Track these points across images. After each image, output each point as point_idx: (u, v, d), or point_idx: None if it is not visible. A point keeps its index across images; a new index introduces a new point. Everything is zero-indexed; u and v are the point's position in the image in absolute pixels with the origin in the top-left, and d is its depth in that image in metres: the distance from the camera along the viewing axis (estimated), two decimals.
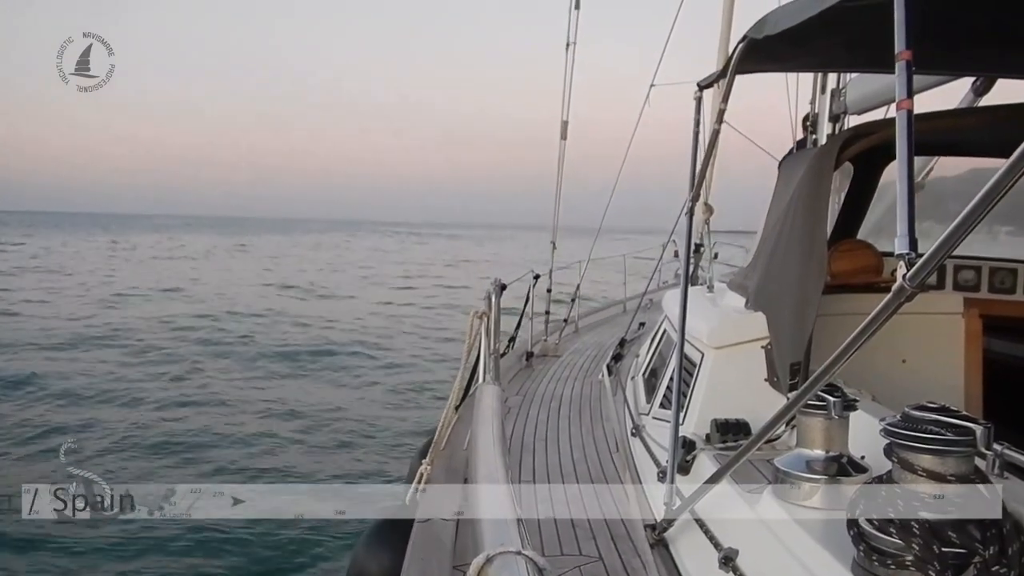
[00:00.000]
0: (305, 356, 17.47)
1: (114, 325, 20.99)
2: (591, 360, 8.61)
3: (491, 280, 4.81)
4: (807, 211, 3.13)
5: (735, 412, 3.15)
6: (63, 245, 65.20)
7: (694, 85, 3.40)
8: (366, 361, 17.48)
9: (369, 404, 13.57)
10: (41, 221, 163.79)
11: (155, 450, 10.27)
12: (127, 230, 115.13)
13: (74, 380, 14.08)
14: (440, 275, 43.39)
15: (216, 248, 69.83)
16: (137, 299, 27.01)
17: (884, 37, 1.58)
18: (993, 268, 4.28)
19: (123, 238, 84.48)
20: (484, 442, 2.39)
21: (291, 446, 10.71)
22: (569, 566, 3.18)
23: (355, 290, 33.63)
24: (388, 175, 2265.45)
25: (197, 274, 39.14)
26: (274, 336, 20.17)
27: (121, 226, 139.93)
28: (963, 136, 3.93)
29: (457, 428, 4.74)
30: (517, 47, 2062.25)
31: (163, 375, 15.02)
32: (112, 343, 18.36)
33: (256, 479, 8.97)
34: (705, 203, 5.61)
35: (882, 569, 1.59)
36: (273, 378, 15.36)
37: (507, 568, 1.35)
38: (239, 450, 10.38)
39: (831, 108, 5.81)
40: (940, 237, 1.30)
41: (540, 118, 10.49)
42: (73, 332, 19.43)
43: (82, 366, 15.54)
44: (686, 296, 3.15)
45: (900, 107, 1.52)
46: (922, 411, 1.60)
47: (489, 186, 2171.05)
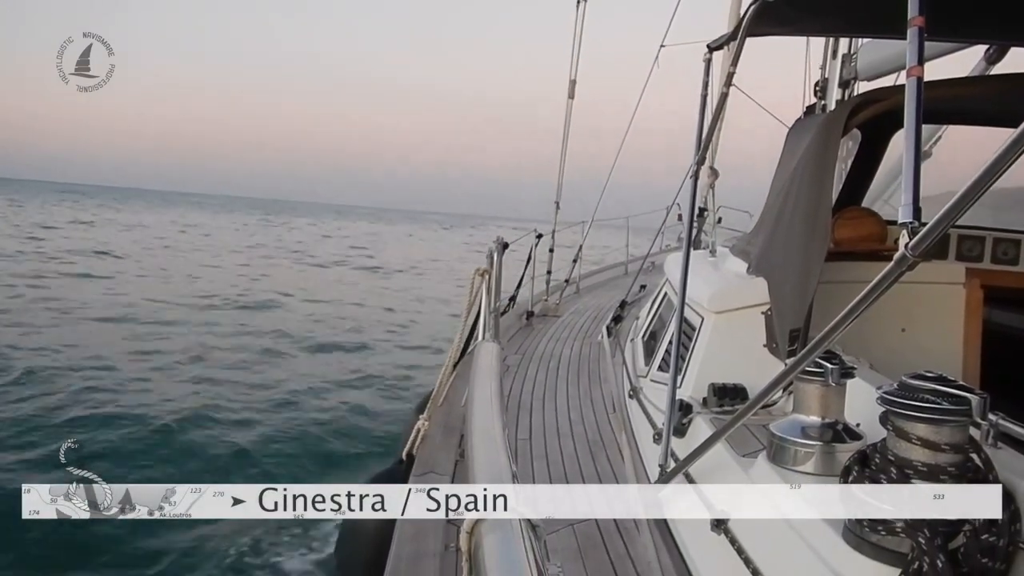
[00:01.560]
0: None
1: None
2: (591, 321, 8.64)
3: (494, 239, 4.81)
4: (813, 177, 3.11)
5: (733, 377, 3.16)
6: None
7: (704, 47, 3.36)
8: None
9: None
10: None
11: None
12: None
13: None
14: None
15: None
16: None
17: (896, 2, 1.56)
18: (997, 239, 4.26)
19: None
20: (481, 399, 2.41)
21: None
22: (562, 524, 3.22)
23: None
24: (392, 160, 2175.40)
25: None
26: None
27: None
28: (973, 105, 3.89)
29: (455, 384, 4.77)
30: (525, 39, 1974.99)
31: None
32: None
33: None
34: (711, 167, 5.57)
35: (872, 535, 1.60)
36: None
37: (501, 524, 1.36)
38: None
39: (841, 74, 5.75)
40: (944, 207, 1.29)
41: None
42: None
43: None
44: (688, 260, 3.14)
45: (910, 74, 1.50)
46: (919, 380, 1.60)
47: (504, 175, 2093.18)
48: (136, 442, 8.88)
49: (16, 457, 8.12)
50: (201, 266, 28.76)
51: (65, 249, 29.92)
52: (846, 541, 1.68)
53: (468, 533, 1.38)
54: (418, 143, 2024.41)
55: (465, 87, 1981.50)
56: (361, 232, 74.19)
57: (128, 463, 8.28)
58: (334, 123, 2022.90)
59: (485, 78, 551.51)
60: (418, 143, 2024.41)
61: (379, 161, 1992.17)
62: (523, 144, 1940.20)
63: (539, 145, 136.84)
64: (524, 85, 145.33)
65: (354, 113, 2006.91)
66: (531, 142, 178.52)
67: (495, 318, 3.90)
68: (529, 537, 1.33)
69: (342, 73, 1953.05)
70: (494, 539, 1.33)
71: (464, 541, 1.38)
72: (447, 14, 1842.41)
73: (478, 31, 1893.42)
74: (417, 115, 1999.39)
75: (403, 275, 32.64)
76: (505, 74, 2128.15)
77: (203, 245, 40.69)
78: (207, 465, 8.47)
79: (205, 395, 11.00)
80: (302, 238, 55.06)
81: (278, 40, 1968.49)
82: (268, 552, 6.72)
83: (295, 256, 37.81)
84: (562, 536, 3.13)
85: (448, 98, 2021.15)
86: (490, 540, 1.33)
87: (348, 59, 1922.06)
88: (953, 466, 1.55)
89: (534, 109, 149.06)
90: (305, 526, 6.85)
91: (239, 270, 28.60)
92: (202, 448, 8.98)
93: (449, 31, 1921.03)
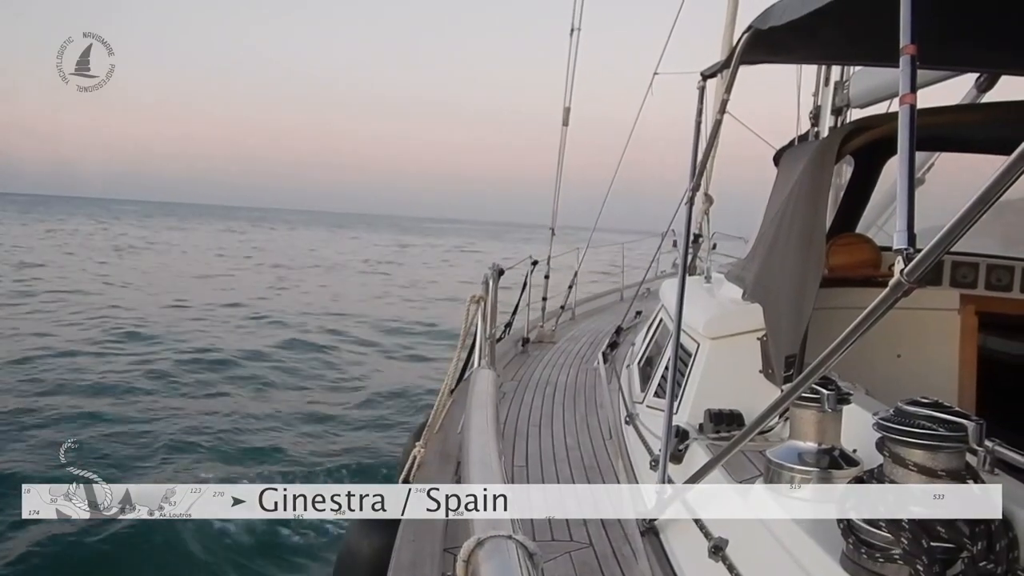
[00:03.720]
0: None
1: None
2: (587, 347, 8.62)
3: (490, 266, 4.81)
4: (807, 203, 3.13)
5: (729, 403, 3.16)
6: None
7: (698, 75, 3.39)
8: None
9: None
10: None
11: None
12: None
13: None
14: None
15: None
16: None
17: (889, 31, 1.57)
18: (991, 265, 4.28)
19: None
20: (478, 426, 2.40)
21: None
22: (559, 551, 3.20)
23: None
24: (393, 169, 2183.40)
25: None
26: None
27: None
28: (965, 132, 3.92)
29: (451, 412, 4.76)
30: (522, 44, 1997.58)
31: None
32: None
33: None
34: (705, 193, 5.61)
35: (870, 562, 1.59)
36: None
37: (498, 551, 1.35)
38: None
39: (834, 101, 5.80)
40: (939, 233, 1.29)
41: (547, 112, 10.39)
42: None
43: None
44: (683, 286, 3.15)
45: (903, 101, 1.51)
46: (915, 406, 1.61)
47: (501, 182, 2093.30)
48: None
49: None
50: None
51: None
52: (844, 568, 1.67)
53: (465, 561, 1.37)
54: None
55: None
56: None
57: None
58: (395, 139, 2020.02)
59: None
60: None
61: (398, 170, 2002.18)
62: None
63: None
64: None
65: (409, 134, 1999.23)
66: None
67: (491, 345, 3.89)
68: (526, 565, 1.33)
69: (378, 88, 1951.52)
70: (491, 567, 1.32)
71: (461, 569, 1.37)
72: (442, 37, 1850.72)
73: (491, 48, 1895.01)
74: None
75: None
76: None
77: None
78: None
79: None
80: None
81: (282, 49, 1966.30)
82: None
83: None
84: (559, 564, 3.12)
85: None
86: (487, 568, 1.32)
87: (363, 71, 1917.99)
88: None
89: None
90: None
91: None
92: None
93: (471, 46, 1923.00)
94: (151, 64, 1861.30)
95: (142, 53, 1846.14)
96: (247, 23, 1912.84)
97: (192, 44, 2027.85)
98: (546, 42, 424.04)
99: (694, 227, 5.85)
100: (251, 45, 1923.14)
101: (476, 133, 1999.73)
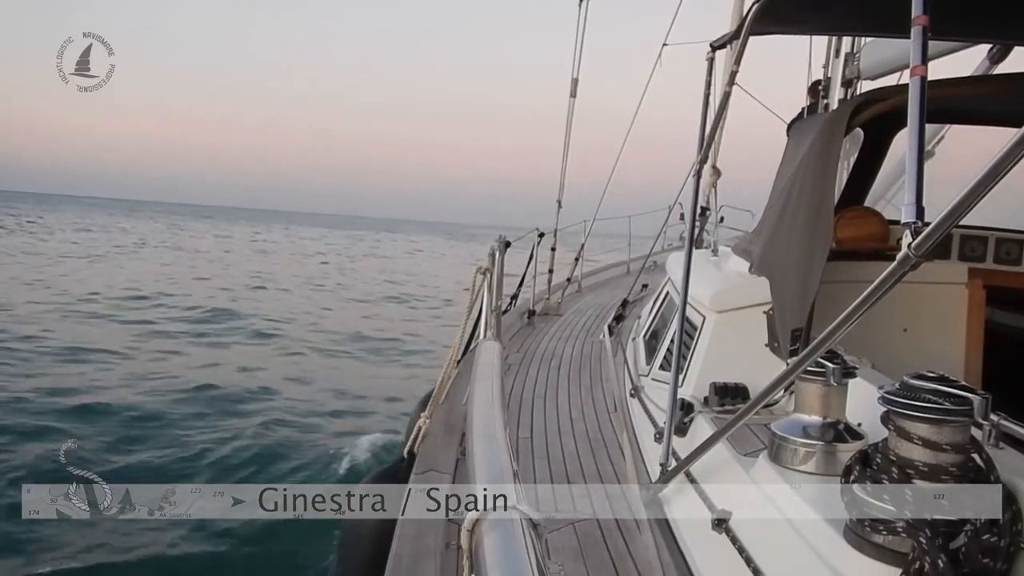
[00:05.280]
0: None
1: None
2: (593, 320, 8.63)
3: (496, 238, 4.80)
4: (815, 176, 3.11)
5: (734, 376, 3.15)
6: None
7: (707, 46, 3.35)
8: None
9: None
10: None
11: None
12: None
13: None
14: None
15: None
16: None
17: (900, 1, 1.55)
18: (999, 239, 4.25)
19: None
20: (483, 398, 2.40)
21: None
22: (563, 523, 3.22)
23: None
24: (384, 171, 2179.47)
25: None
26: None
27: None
28: (976, 104, 3.88)
29: (457, 383, 4.77)
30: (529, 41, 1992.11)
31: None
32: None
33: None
34: (713, 166, 5.57)
35: (874, 535, 1.60)
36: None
37: (501, 522, 1.36)
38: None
39: (844, 73, 5.74)
40: (947, 207, 1.28)
41: None
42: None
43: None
44: (690, 259, 3.14)
45: (914, 73, 1.50)
46: (920, 380, 1.60)
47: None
48: None
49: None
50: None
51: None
52: (847, 541, 1.67)
53: (469, 531, 1.38)
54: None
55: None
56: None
57: None
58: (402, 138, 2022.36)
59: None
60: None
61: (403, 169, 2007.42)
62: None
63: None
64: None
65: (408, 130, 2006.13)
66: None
67: (497, 317, 3.89)
68: (530, 535, 1.33)
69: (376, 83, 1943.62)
70: (495, 537, 1.33)
71: (465, 539, 1.38)
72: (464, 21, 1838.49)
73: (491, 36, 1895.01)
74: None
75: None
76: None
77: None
78: None
79: None
80: None
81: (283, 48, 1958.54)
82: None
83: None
84: (563, 535, 3.13)
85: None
86: (491, 538, 1.33)
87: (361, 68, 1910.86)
88: (955, 466, 1.55)
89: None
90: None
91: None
92: None
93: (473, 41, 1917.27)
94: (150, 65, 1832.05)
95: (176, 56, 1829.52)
96: (247, 24, 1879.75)
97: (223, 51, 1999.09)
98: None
99: (701, 200, 5.83)
100: (252, 49, 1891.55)
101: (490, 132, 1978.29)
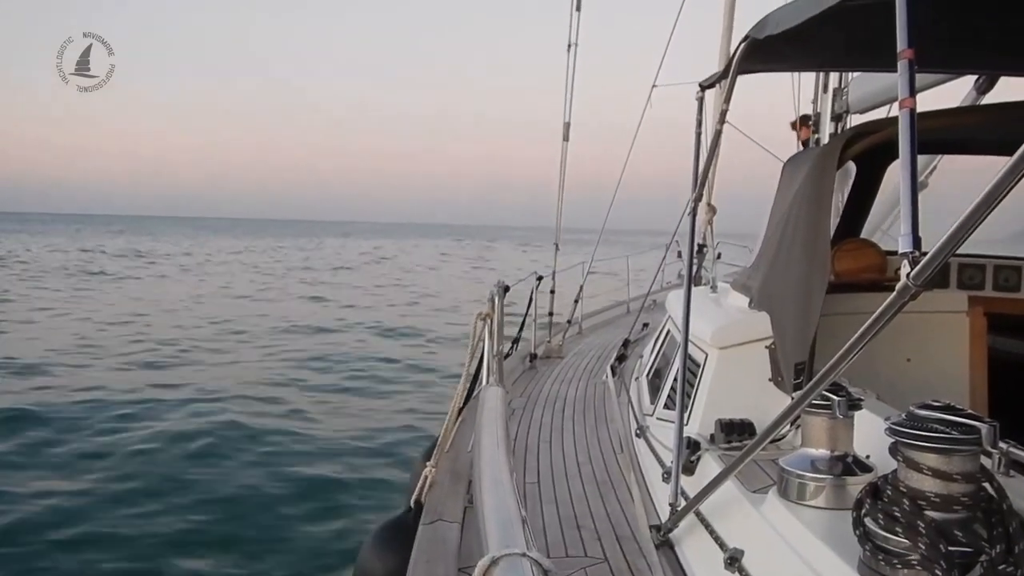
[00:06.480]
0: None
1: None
2: (595, 361, 8.61)
3: (495, 283, 4.81)
4: (810, 210, 3.13)
5: (739, 412, 3.14)
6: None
7: (696, 85, 3.40)
8: None
9: None
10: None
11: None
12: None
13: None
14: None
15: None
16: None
17: (886, 36, 1.58)
18: (998, 266, 4.27)
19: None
20: (488, 444, 2.39)
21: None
22: (574, 567, 3.18)
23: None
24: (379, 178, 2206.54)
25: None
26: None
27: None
28: (966, 134, 3.92)
29: (461, 430, 4.75)
30: (519, 53, 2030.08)
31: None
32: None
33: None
34: (708, 203, 5.61)
35: (888, 568, 1.58)
36: None
37: (512, 570, 1.35)
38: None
39: (833, 107, 5.82)
40: (944, 236, 1.29)
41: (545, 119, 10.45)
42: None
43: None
44: (689, 296, 3.15)
45: (903, 106, 1.52)
46: (927, 410, 1.59)
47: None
48: None
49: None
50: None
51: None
52: (861, 575, 1.66)
53: None
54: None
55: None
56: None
57: None
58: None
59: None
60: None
61: None
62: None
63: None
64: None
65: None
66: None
67: (499, 362, 3.89)
68: None
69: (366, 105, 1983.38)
70: None
71: None
72: (438, 50, 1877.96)
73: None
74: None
75: None
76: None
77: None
78: None
79: None
80: None
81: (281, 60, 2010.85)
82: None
83: None
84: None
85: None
86: None
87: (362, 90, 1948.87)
88: (966, 496, 1.53)
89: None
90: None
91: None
92: None
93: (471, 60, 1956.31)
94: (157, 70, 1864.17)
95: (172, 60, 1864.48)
96: (247, 25, 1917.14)
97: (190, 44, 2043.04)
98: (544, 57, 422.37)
99: (698, 237, 5.85)
100: (252, 52, 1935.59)
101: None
